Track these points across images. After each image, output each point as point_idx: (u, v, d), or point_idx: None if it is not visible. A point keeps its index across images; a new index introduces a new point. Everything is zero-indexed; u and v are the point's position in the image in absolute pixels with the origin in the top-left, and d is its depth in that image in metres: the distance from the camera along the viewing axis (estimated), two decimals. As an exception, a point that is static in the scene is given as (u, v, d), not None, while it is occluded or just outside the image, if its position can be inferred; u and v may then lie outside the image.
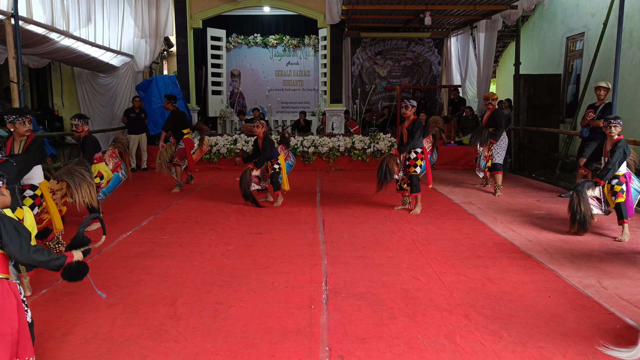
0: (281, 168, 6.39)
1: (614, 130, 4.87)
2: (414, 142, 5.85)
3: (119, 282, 3.71)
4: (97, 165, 5.32)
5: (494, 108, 7.12)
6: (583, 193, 4.84)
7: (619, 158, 4.77)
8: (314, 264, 4.10)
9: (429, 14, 9.71)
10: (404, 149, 5.89)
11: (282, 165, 6.44)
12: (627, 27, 8.07)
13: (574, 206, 4.82)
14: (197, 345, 2.75)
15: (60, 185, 4.29)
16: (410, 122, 5.90)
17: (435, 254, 4.38)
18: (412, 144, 5.86)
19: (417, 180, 5.93)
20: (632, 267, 4.03)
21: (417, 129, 5.82)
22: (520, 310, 3.19)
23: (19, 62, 6.05)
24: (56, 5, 7.19)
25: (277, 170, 6.33)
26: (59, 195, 4.31)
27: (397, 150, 5.92)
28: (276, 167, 6.34)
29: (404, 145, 5.90)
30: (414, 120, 5.88)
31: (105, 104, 10.65)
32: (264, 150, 6.19)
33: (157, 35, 10.57)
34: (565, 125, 10.01)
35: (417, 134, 5.82)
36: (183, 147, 7.37)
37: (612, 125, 4.88)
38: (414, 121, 5.88)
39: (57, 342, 2.78)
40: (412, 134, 5.83)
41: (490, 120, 7.11)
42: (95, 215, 3.10)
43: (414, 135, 5.82)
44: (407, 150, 5.91)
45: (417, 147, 5.89)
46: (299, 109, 12.83)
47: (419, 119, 5.95)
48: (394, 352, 2.68)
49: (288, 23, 13.22)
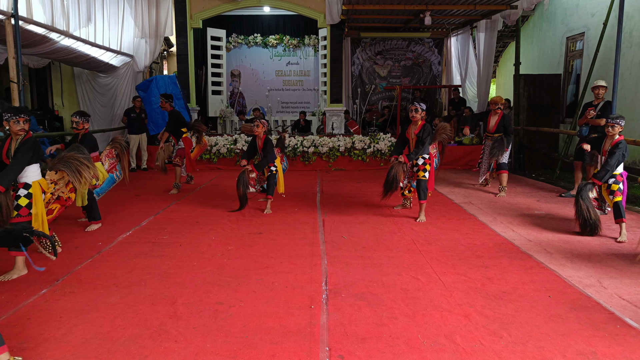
0: (277, 171, 6.21)
1: (612, 130, 4.89)
2: (424, 149, 5.60)
3: (119, 282, 3.71)
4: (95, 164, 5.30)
5: (502, 113, 7.01)
6: (588, 199, 4.86)
7: (618, 160, 4.78)
8: (314, 264, 4.10)
9: (429, 14, 9.72)
10: (414, 156, 5.63)
11: (278, 167, 6.26)
12: (627, 27, 8.07)
13: (584, 212, 4.83)
14: (197, 345, 2.75)
15: (60, 174, 4.25)
16: (420, 128, 5.61)
17: (435, 254, 4.39)
18: (423, 151, 5.61)
19: (426, 186, 5.67)
20: (632, 267, 4.03)
21: (427, 135, 5.56)
22: (520, 310, 3.19)
23: (19, 62, 6.05)
24: (56, 5, 7.19)
25: (274, 172, 6.15)
26: (62, 184, 4.28)
27: (407, 158, 5.64)
28: (273, 169, 6.16)
29: (413, 152, 5.64)
30: (423, 126, 5.60)
31: (105, 104, 10.65)
32: (266, 153, 5.98)
33: (157, 35, 10.58)
34: (565, 125, 10.01)
35: (427, 140, 5.57)
36: (183, 147, 7.33)
37: (610, 125, 4.90)
38: (423, 126, 5.59)
39: (57, 342, 2.78)
40: (423, 140, 5.55)
41: (500, 126, 6.99)
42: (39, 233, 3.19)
43: (424, 142, 5.55)
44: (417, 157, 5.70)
45: (426, 152, 5.68)
46: (299, 109, 12.84)
47: (429, 125, 5.69)
48: (394, 352, 2.68)
49: (288, 23, 13.23)
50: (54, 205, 4.24)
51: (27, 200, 3.88)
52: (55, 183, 4.22)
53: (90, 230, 5.15)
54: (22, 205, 3.84)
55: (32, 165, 3.95)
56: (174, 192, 7.25)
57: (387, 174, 5.60)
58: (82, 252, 4.46)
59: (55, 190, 4.23)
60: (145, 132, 9.76)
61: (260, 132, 6.06)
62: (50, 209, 4.19)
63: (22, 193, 3.87)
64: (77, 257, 4.28)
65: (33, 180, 3.96)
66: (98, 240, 4.84)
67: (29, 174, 3.94)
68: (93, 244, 4.69)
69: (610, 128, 4.90)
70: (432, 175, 5.81)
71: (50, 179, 4.18)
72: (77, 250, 4.52)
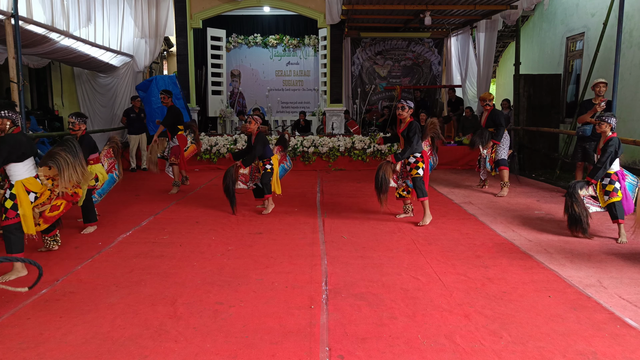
0: (273, 169, 5.95)
1: (599, 127, 4.85)
2: (412, 148, 5.32)
3: (119, 282, 3.71)
4: (93, 166, 5.23)
5: (492, 108, 7.04)
6: (575, 194, 4.85)
7: (610, 156, 4.74)
8: (314, 264, 4.10)
9: (429, 14, 9.71)
10: (401, 156, 5.36)
11: (275, 166, 6.00)
12: (627, 27, 8.07)
13: (568, 208, 4.85)
14: (197, 345, 2.75)
15: (54, 170, 4.09)
16: (407, 126, 5.36)
17: (435, 254, 4.38)
18: (411, 150, 5.33)
19: (422, 182, 5.36)
20: (632, 267, 4.03)
21: (414, 133, 5.28)
22: (520, 310, 3.19)
23: (19, 62, 6.06)
24: (56, 5, 7.20)
25: (268, 170, 5.90)
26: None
27: (394, 158, 5.37)
28: (268, 167, 5.90)
29: (401, 152, 5.37)
30: (410, 123, 5.34)
31: (105, 104, 10.66)
32: (254, 147, 5.74)
33: (157, 35, 10.59)
34: (565, 125, 10.01)
35: (414, 138, 5.28)
36: (177, 145, 7.25)
37: (597, 123, 4.88)
38: (409, 124, 5.34)
39: (57, 342, 2.78)
40: (409, 138, 5.30)
41: (489, 121, 7.02)
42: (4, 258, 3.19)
43: (411, 140, 5.29)
44: (407, 157, 5.41)
45: (417, 151, 5.37)
46: (299, 109, 12.84)
47: (416, 122, 5.40)
48: (394, 352, 2.68)
49: (288, 23, 13.23)
50: (59, 201, 4.14)
51: (11, 202, 3.78)
52: (52, 179, 4.09)
53: (87, 233, 5.09)
54: (7, 208, 3.76)
55: (17, 163, 3.81)
56: (174, 192, 7.24)
57: (376, 175, 5.37)
58: (82, 252, 4.46)
59: (54, 186, 4.09)
60: (145, 132, 9.76)
61: (254, 129, 5.83)
62: (55, 205, 4.09)
63: (7, 194, 3.79)
64: (77, 257, 4.28)
65: (17, 179, 3.83)
66: (98, 240, 4.84)
67: (13, 173, 3.82)
68: (93, 244, 4.69)
69: (597, 126, 4.88)
70: (427, 174, 5.51)
71: (44, 174, 4.04)
72: (77, 250, 4.52)
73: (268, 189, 5.90)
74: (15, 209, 3.80)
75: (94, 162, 5.27)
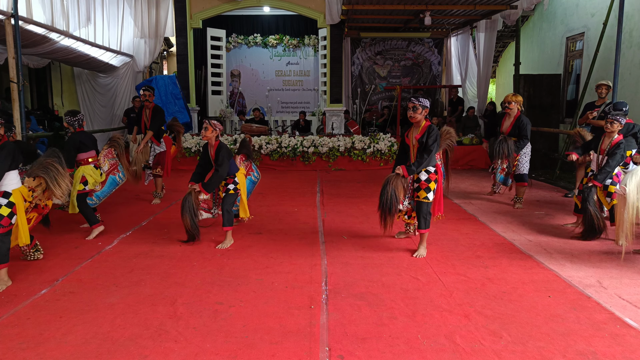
0: (238, 189, 4.65)
1: (610, 127, 4.69)
2: (429, 159, 4.23)
3: (119, 282, 3.71)
4: (81, 167, 4.89)
5: (518, 114, 6.07)
6: (595, 203, 4.70)
7: (617, 161, 4.67)
8: (313, 264, 4.10)
9: (429, 14, 9.71)
10: (415, 168, 4.24)
11: (241, 184, 4.70)
12: (627, 27, 8.07)
13: (593, 219, 4.65)
14: (197, 345, 2.75)
15: (38, 181, 3.93)
16: (424, 131, 4.23)
17: (435, 254, 4.38)
18: (428, 161, 4.24)
19: (429, 210, 4.33)
20: (632, 267, 4.03)
21: (433, 140, 4.18)
22: (520, 310, 3.19)
23: (19, 62, 6.05)
24: (56, 5, 7.20)
25: (231, 192, 4.57)
26: (40, 191, 3.96)
27: (407, 171, 4.24)
28: (231, 187, 4.57)
29: (415, 163, 4.24)
30: (428, 128, 4.23)
31: (105, 104, 10.66)
32: (218, 166, 4.42)
33: (157, 36, 10.59)
34: (565, 125, 10.01)
35: (434, 147, 4.20)
36: (164, 151, 6.55)
37: (610, 121, 4.70)
38: (428, 128, 4.22)
39: (57, 342, 2.78)
40: (427, 147, 4.18)
41: (514, 129, 6.08)
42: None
43: (430, 149, 4.17)
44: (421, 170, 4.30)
45: (431, 164, 4.31)
46: (299, 109, 12.84)
47: (435, 126, 4.30)
48: (394, 352, 2.68)
49: (288, 23, 13.23)
50: (31, 214, 3.93)
51: (8, 210, 3.59)
52: (33, 190, 3.88)
53: (94, 237, 4.89)
54: (4, 215, 3.55)
55: (12, 172, 3.66)
56: (157, 202, 6.60)
57: (382, 191, 4.26)
58: (82, 252, 4.45)
59: (33, 198, 3.90)
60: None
61: (212, 138, 4.51)
62: (27, 217, 3.86)
63: (2, 202, 3.57)
64: (77, 257, 4.28)
65: (13, 188, 3.66)
66: (98, 240, 4.84)
67: (8, 182, 3.63)
68: (93, 244, 4.69)
69: (609, 124, 4.70)
70: (440, 193, 4.46)
71: (28, 185, 3.84)
72: (77, 250, 4.52)
73: (229, 219, 4.56)
74: (11, 217, 3.62)
75: (83, 162, 4.91)
